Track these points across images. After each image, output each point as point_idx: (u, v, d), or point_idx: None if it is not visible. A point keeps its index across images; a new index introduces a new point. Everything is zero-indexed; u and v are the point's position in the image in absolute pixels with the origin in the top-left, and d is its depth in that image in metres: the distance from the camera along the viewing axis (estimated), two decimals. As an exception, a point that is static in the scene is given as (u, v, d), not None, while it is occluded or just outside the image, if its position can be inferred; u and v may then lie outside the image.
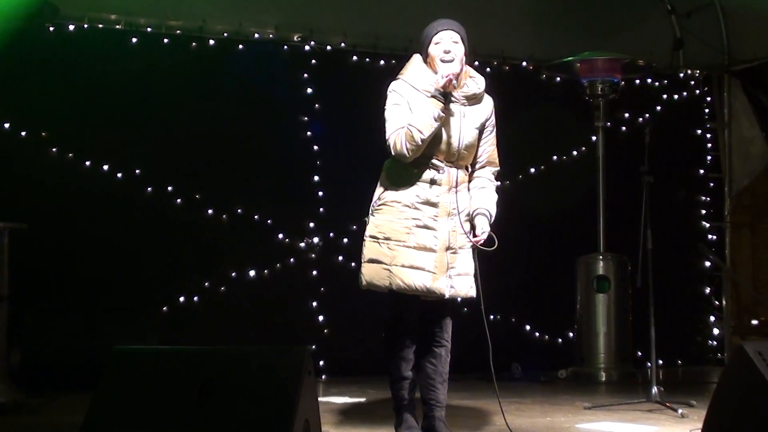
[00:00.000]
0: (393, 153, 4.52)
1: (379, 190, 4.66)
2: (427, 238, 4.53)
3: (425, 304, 4.63)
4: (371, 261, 4.59)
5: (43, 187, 7.06)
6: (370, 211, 4.67)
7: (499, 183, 4.94)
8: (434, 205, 4.55)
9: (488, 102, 4.75)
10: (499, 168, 4.84)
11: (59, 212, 7.07)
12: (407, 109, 4.52)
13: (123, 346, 3.87)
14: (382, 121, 4.64)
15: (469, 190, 4.71)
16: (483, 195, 4.72)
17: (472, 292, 4.64)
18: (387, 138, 4.54)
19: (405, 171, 4.57)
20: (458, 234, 4.60)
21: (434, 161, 4.56)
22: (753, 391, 3.74)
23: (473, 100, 4.65)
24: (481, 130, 4.70)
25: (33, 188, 7.02)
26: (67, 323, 6.90)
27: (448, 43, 4.56)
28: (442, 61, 4.54)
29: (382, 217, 4.59)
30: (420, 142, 4.45)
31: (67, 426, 3.95)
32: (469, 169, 4.73)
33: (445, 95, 4.48)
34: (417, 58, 4.67)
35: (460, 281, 4.59)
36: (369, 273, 4.60)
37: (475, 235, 4.63)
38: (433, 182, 4.56)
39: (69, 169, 7.17)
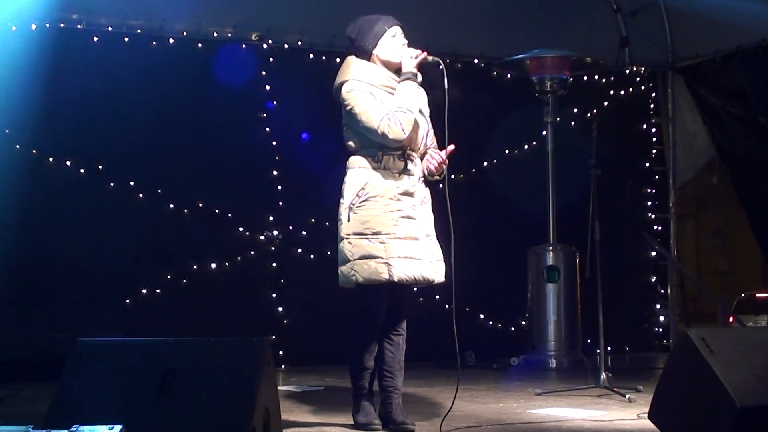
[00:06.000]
0: (390, 136, 4.49)
1: (354, 187, 4.61)
2: (411, 228, 4.59)
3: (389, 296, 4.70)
4: (365, 257, 4.50)
5: (7, 183, 7.06)
6: (349, 209, 4.57)
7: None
8: (411, 195, 4.64)
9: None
10: None
11: (24, 207, 7.10)
12: (378, 100, 4.58)
13: (86, 337, 3.87)
14: (349, 119, 4.58)
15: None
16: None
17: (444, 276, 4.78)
18: (374, 128, 4.51)
19: (384, 164, 4.61)
20: (430, 222, 4.72)
21: (408, 152, 4.66)
22: (697, 375, 3.86)
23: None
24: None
25: (-3, 184, 7.04)
26: (31, 316, 6.95)
27: (402, 38, 4.75)
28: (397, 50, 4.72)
29: (367, 212, 4.54)
30: (413, 122, 4.55)
31: (32, 415, 3.99)
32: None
33: (415, 75, 4.64)
34: (353, 59, 4.74)
35: (441, 267, 4.72)
36: (365, 270, 4.50)
37: None
38: (408, 173, 4.65)
39: (33, 165, 7.24)
